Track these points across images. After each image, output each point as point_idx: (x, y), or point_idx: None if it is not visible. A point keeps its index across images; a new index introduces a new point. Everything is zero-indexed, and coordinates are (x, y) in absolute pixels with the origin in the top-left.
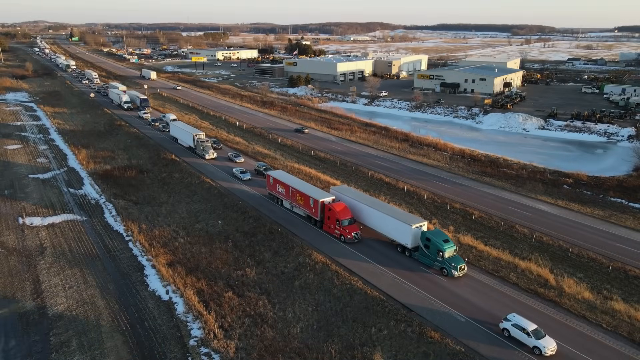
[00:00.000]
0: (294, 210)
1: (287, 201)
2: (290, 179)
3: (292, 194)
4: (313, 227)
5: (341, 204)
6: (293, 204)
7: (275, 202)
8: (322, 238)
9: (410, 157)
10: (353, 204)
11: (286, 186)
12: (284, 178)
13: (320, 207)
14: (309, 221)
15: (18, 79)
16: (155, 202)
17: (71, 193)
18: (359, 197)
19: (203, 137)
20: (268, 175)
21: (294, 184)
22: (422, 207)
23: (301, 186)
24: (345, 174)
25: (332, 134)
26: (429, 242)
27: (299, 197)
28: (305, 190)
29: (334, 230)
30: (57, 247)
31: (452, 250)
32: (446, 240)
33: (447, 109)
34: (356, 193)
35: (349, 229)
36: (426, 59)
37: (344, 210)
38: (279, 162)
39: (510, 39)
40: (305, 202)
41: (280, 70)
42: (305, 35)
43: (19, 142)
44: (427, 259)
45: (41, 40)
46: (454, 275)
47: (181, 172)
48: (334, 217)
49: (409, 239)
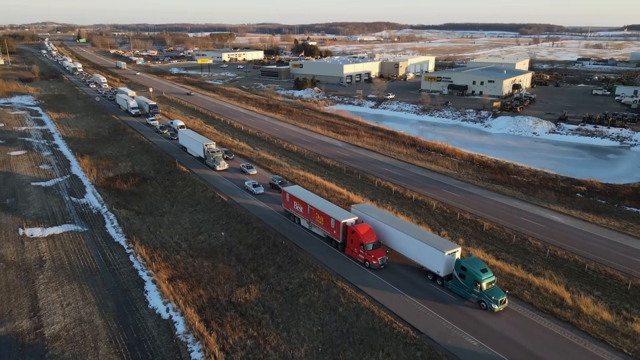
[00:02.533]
0: (313, 230)
1: (305, 220)
2: (308, 196)
3: (311, 212)
4: (334, 250)
5: (365, 225)
6: (312, 224)
7: (292, 220)
8: (344, 262)
9: (418, 164)
10: (377, 225)
11: (304, 204)
12: (302, 195)
13: (342, 228)
14: (329, 243)
15: (24, 82)
16: (158, 212)
17: (73, 202)
18: (384, 218)
19: (214, 147)
20: (284, 191)
21: (312, 202)
22: (431, 217)
23: (321, 205)
24: (351, 182)
25: (338, 139)
26: (465, 271)
27: (318, 216)
28: (325, 210)
29: (358, 254)
30: (56, 261)
31: (491, 281)
32: (484, 270)
33: (455, 112)
34: (380, 212)
35: (375, 254)
36: (433, 60)
37: (368, 233)
38: (284, 169)
39: (518, 38)
40: (326, 222)
41: (286, 72)
42: (311, 36)
43: (22, 148)
44: (462, 289)
45: (49, 42)
46: (494, 309)
47: (184, 180)
48: (358, 241)
49: (442, 266)
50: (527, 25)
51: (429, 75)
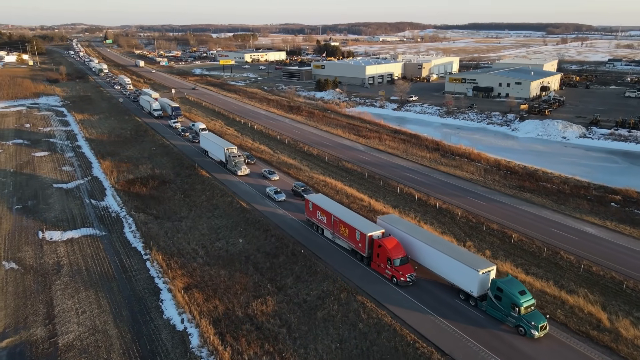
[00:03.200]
0: (337, 241)
1: (329, 231)
2: (333, 206)
3: (335, 223)
4: (355, 261)
5: (393, 239)
6: (335, 235)
7: (315, 230)
8: (369, 277)
9: (441, 169)
10: (404, 238)
11: (327, 214)
12: (325, 204)
13: (368, 242)
14: (353, 256)
15: (51, 82)
16: (176, 217)
17: (93, 205)
18: (412, 231)
19: (235, 152)
20: (307, 200)
21: (336, 213)
22: (456, 227)
23: (345, 216)
24: (373, 188)
25: (359, 142)
26: (502, 292)
27: (342, 228)
28: (350, 221)
29: (384, 270)
30: (73, 266)
31: (531, 304)
32: (523, 292)
33: (481, 114)
34: (408, 225)
35: (403, 270)
36: (457, 61)
37: (396, 247)
38: (304, 174)
39: (545, 38)
40: (350, 234)
41: (308, 73)
42: (333, 36)
43: (46, 149)
44: (498, 312)
45: (77, 43)
46: (533, 335)
47: (203, 184)
48: (385, 255)
49: (475, 286)
50: (555, 24)
51: (453, 77)
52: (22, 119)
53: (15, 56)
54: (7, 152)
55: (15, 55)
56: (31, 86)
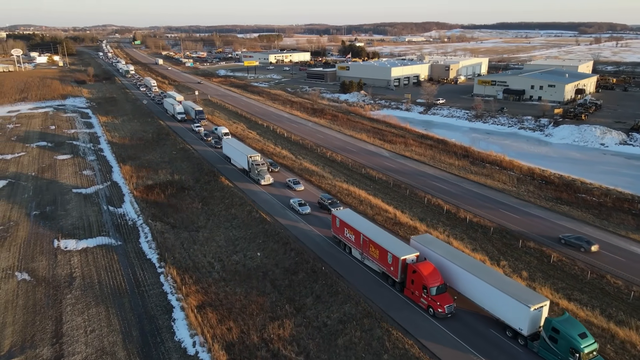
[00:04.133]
0: (366, 262)
1: (357, 250)
2: (362, 224)
3: (364, 243)
4: (389, 288)
5: (429, 264)
6: (364, 256)
7: (342, 248)
8: (398, 303)
9: (471, 178)
10: (442, 263)
11: (356, 232)
12: (354, 221)
13: (401, 266)
14: (384, 280)
15: (79, 84)
16: (193, 226)
17: (110, 212)
18: (450, 255)
19: (259, 160)
20: (334, 216)
21: (366, 232)
22: (488, 243)
23: (376, 235)
24: (398, 198)
25: (384, 148)
26: (558, 334)
27: (372, 248)
28: (381, 242)
29: (419, 298)
30: (86, 278)
31: (593, 349)
32: (583, 335)
33: (512, 119)
34: (445, 247)
35: (441, 300)
36: (486, 62)
37: (432, 274)
38: (327, 182)
39: (578, 37)
40: (381, 256)
41: (332, 75)
42: (358, 37)
43: (69, 152)
44: (553, 355)
45: (106, 44)
46: None
47: (222, 191)
48: (420, 282)
49: (525, 323)
50: (587, 23)
51: (482, 79)
52: (48, 121)
53: (46, 57)
54: (30, 155)
55: (47, 57)
56: (59, 87)
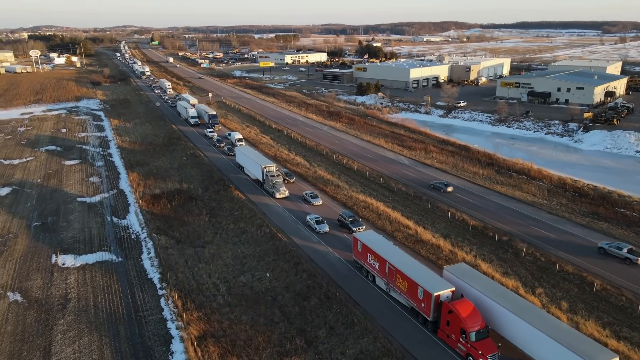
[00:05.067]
0: (392, 294)
1: (382, 280)
2: (388, 250)
3: (390, 272)
4: (420, 327)
5: (467, 304)
6: (390, 286)
7: (365, 276)
8: (431, 345)
9: (498, 189)
10: (481, 300)
11: (381, 259)
12: (379, 246)
13: (434, 303)
14: (414, 316)
15: (94, 85)
16: (199, 241)
17: (114, 223)
18: (492, 291)
19: (274, 171)
20: (355, 239)
21: (393, 259)
22: (520, 266)
23: (404, 264)
24: (420, 212)
25: (404, 154)
26: None
27: (400, 279)
28: (410, 273)
29: (456, 343)
30: (81, 301)
31: None
32: None
33: (538, 123)
34: (484, 281)
35: (482, 348)
36: (509, 63)
37: (472, 315)
38: (343, 192)
39: (602, 37)
40: (410, 289)
41: (349, 76)
42: (376, 36)
43: (77, 157)
44: None
45: (124, 45)
46: None
47: (231, 202)
48: (457, 325)
49: None
50: (611, 22)
51: (505, 81)
52: (59, 124)
53: (64, 58)
54: (38, 160)
55: (65, 58)
56: (74, 89)
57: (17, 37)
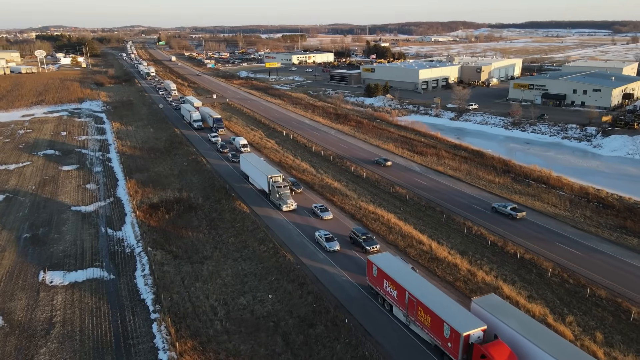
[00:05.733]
0: (412, 327)
1: (401, 310)
2: (408, 277)
3: (411, 303)
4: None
5: (503, 348)
6: (410, 319)
7: (381, 304)
8: None
9: (516, 199)
10: (518, 342)
11: (400, 288)
12: (397, 272)
13: (463, 344)
14: (438, 356)
15: (98, 86)
16: (198, 257)
17: (108, 235)
18: (530, 331)
19: (281, 181)
20: (370, 262)
21: (414, 289)
22: (547, 289)
23: (427, 295)
24: (433, 224)
25: (415, 161)
26: None
27: (422, 312)
28: (434, 306)
29: None
30: (67, 325)
31: None
32: None
33: (553, 127)
34: (521, 318)
35: None
36: (520, 64)
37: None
38: (351, 202)
39: (613, 37)
40: (435, 325)
41: (356, 77)
42: (383, 36)
43: (75, 162)
44: None
45: (131, 46)
46: None
47: (233, 213)
48: None
49: None
50: (621, 22)
51: (518, 82)
52: (60, 126)
53: (70, 58)
54: (35, 165)
55: (71, 58)
56: (78, 90)
57: (25, 37)
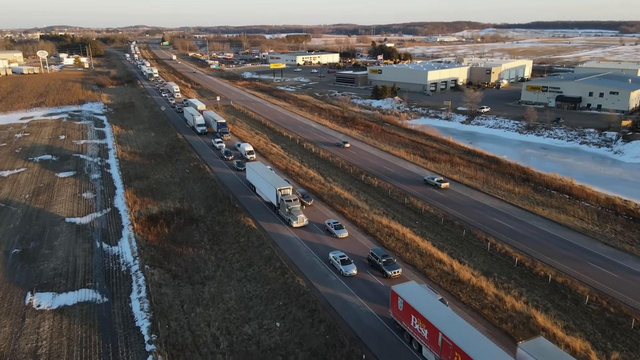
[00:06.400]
0: None
1: (433, 353)
2: (440, 314)
3: (445, 346)
4: None
5: None
6: None
7: (408, 342)
8: None
9: (539, 212)
10: None
11: (431, 327)
12: (427, 308)
13: None
14: None
15: (100, 87)
16: (199, 276)
17: (103, 251)
18: None
19: (290, 194)
20: (394, 294)
21: (448, 329)
22: (585, 318)
23: (465, 337)
24: (452, 240)
25: (428, 168)
26: None
27: (459, 358)
28: (474, 353)
29: None
30: (52, 358)
31: None
32: None
33: (570, 131)
34: None
35: None
36: (530, 65)
37: None
38: (362, 214)
39: (622, 37)
40: None
41: (363, 79)
42: (388, 37)
43: (72, 168)
44: None
45: (134, 46)
46: None
47: (237, 226)
48: None
49: None
50: (628, 22)
51: (531, 85)
52: (59, 129)
53: (73, 59)
54: (30, 172)
55: (74, 58)
56: (79, 91)
57: (30, 38)
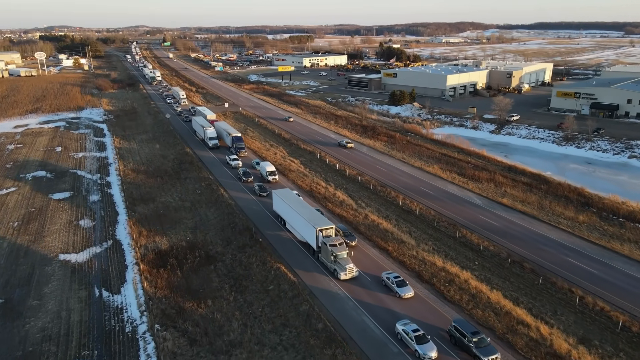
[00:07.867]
0: None
1: None
2: None
3: None
4: None
5: None
6: None
7: None
8: None
9: (618, 249)
10: None
11: None
12: None
13: None
14: None
15: (100, 91)
16: (222, 342)
17: (103, 301)
18: None
19: (333, 236)
20: None
21: None
22: None
23: None
24: (528, 290)
25: (470, 189)
26: None
27: None
28: None
29: None
30: None
31: None
32: None
33: (615, 143)
34: None
35: None
36: (551, 68)
37: None
38: (410, 253)
39: (632, 38)
40: None
41: (377, 82)
42: (392, 37)
43: (69, 188)
44: None
45: (135, 47)
46: None
47: (264, 267)
48: None
49: None
50: (633, 23)
51: (562, 90)
52: (55, 140)
53: (72, 60)
54: (21, 192)
55: (73, 60)
56: (78, 96)
57: (29, 38)
